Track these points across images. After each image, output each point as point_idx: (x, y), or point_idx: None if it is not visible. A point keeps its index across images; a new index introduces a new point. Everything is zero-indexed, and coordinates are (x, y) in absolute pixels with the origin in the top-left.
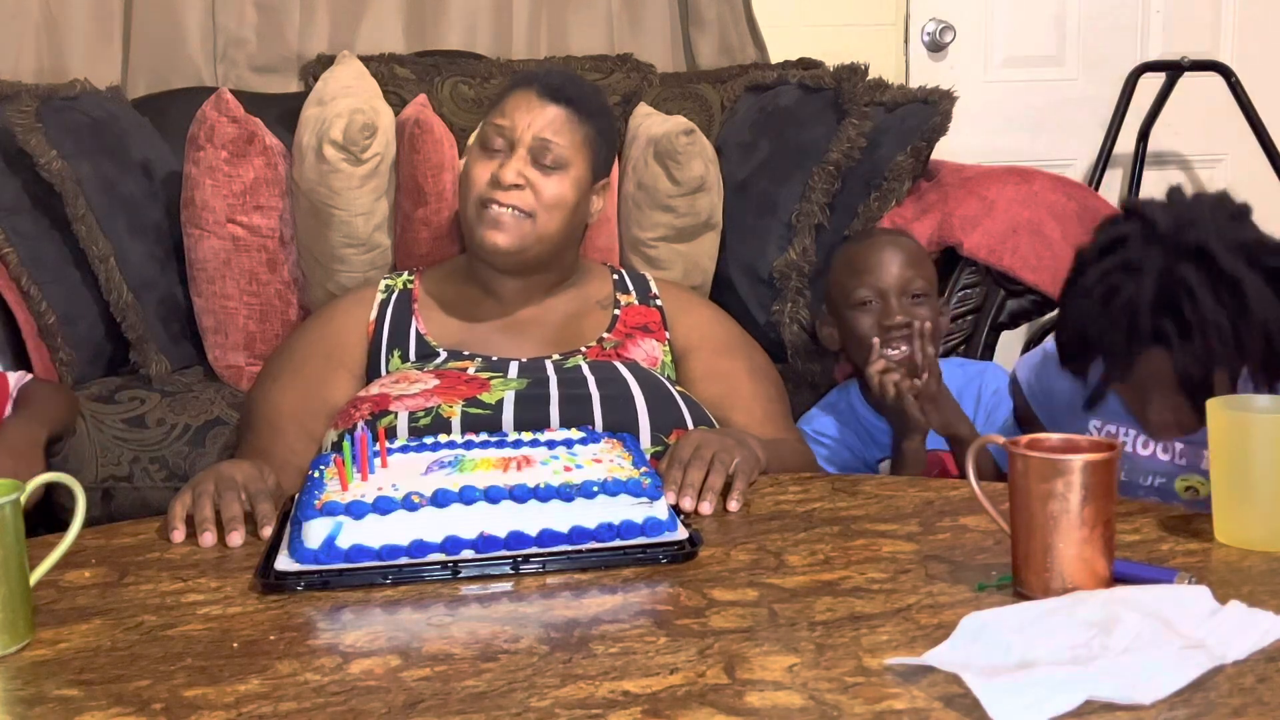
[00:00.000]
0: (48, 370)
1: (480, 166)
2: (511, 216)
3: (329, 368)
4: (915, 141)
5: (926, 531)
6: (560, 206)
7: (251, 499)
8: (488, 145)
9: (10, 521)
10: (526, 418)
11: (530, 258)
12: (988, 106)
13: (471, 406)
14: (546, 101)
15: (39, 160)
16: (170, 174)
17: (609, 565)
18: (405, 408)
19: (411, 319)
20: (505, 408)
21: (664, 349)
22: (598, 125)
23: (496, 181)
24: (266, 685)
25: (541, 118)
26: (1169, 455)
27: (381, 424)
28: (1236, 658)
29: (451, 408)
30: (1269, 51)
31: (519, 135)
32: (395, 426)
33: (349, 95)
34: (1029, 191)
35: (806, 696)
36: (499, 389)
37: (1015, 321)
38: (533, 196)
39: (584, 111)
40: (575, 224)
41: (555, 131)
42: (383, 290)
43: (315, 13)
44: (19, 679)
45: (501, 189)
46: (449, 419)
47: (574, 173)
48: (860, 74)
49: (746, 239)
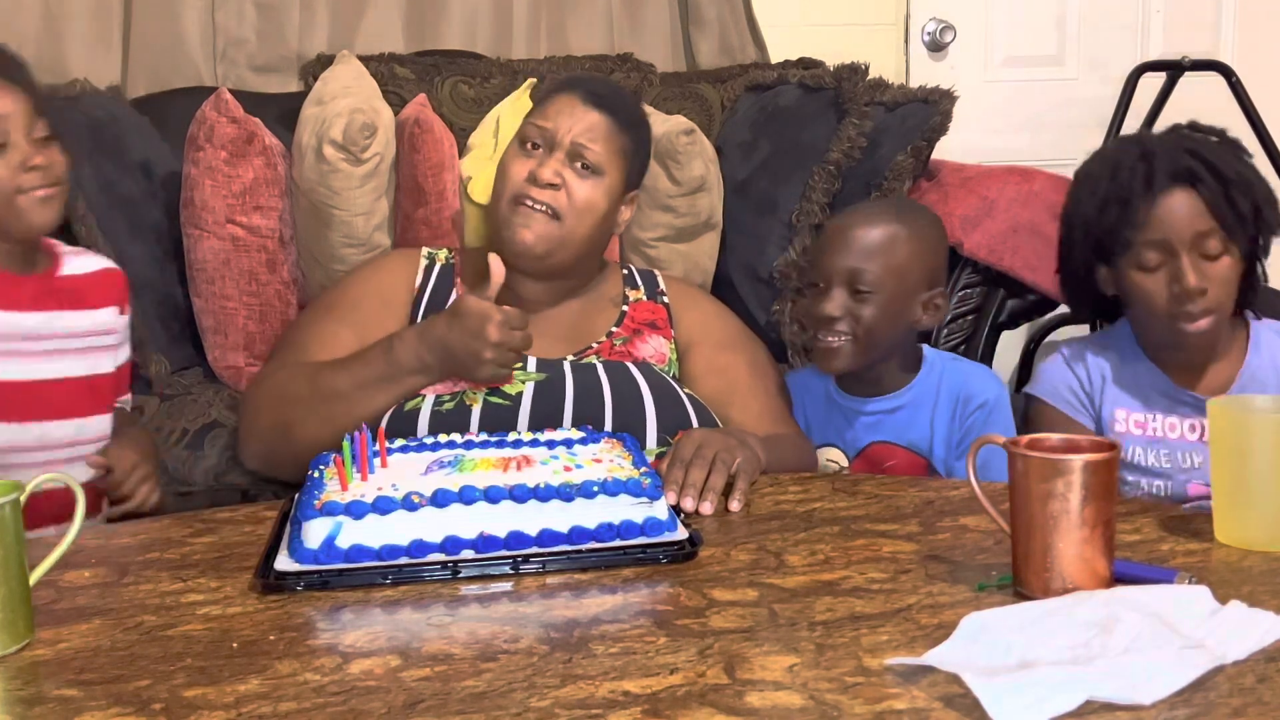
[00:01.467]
0: None
1: (518, 164)
2: (543, 217)
3: (386, 312)
4: (915, 141)
5: (926, 531)
6: (591, 212)
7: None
8: (526, 144)
9: (10, 521)
10: (542, 412)
11: (555, 262)
12: (988, 106)
13: (494, 396)
14: (589, 107)
15: None
16: (170, 174)
17: (609, 565)
18: (433, 391)
19: (453, 290)
20: (524, 400)
21: (670, 346)
22: (635, 136)
23: (534, 178)
24: (266, 685)
25: (583, 122)
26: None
27: (408, 405)
28: (1236, 658)
29: (475, 395)
30: (1269, 51)
31: (559, 137)
32: (420, 409)
33: (349, 95)
34: (1029, 191)
35: (806, 696)
36: (519, 380)
37: (1015, 321)
38: (565, 198)
39: (624, 121)
40: (603, 232)
41: (594, 137)
42: (425, 257)
43: (315, 13)
44: (19, 679)
45: (538, 186)
46: (471, 407)
47: (608, 180)
48: (860, 74)
49: (746, 239)
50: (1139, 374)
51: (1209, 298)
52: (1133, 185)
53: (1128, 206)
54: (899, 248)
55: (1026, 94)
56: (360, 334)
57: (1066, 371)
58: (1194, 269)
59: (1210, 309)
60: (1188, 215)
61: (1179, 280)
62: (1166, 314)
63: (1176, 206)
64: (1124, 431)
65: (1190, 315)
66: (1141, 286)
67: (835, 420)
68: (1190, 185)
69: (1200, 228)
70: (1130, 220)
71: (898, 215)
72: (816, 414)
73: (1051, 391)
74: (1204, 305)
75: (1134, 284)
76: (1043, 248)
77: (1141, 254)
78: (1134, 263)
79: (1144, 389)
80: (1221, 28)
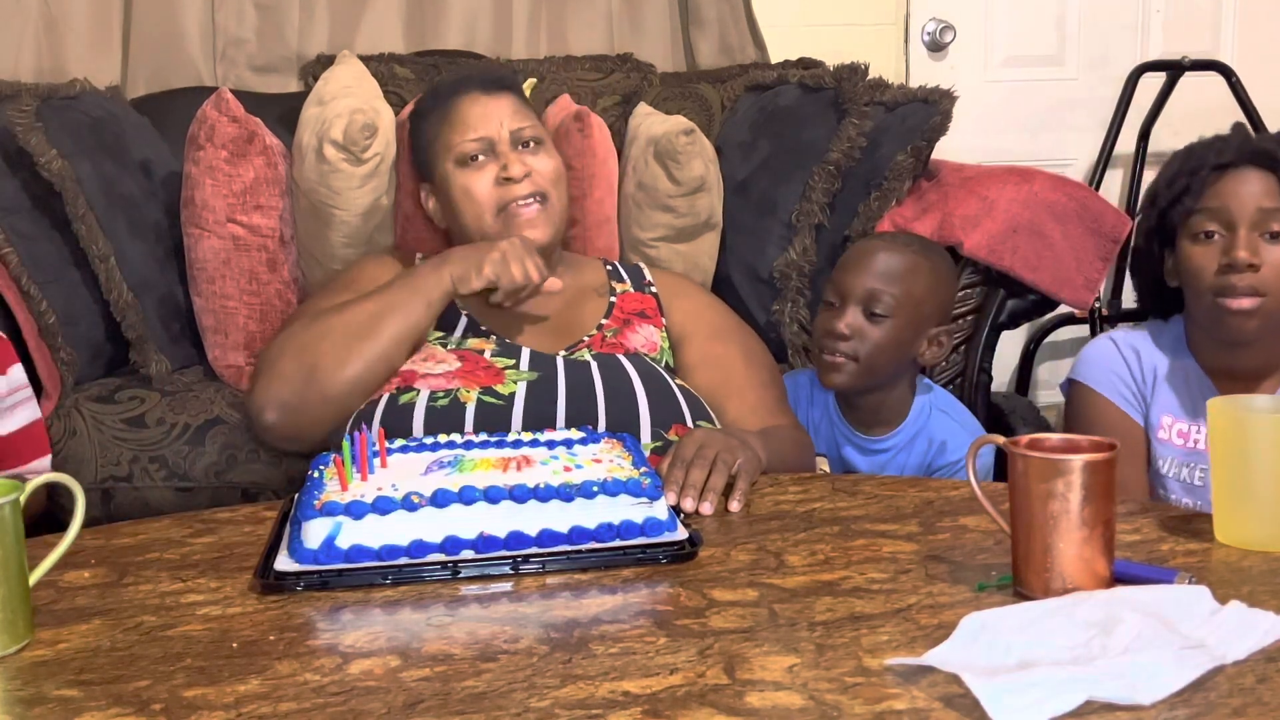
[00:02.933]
0: (49, 370)
1: (475, 180)
2: (538, 212)
3: None
4: (915, 141)
5: (926, 531)
6: (561, 178)
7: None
8: (468, 159)
9: (10, 521)
10: (535, 410)
11: (551, 246)
12: (988, 106)
13: (487, 395)
14: (494, 94)
15: (39, 160)
16: (170, 174)
17: (609, 565)
18: (429, 386)
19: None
20: (517, 400)
21: (661, 334)
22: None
23: (507, 180)
24: (266, 685)
25: (502, 110)
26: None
27: (403, 399)
28: (1236, 658)
29: (469, 393)
30: (1269, 51)
31: (494, 135)
32: (414, 404)
33: (349, 95)
34: (1029, 191)
35: (806, 697)
36: (511, 381)
37: (1015, 321)
38: (542, 179)
39: (518, 91)
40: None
41: (519, 116)
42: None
43: (315, 13)
44: (19, 679)
45: (517, 183)
46: (465, 404)
47: (548, 143)
48: (860, 74)
49: (746, 239)
50: (1188, 377)
51: (1260, 277)
52: (1205, 157)
53: (1195, 176)
54: (919, 278)
55: (1026, 94)
56: None
57: (1118, 358)
58: (1248, 244)
59: (1259, 289)
60: (1255, 190)
61: (1230, 252)
62: (1211, 288)
63: (1245, 179)
64: (1166, 439)
65: (1235, 290)
66: (1192, 258)
67: (825, 431)
68: (1264, 167)
69: (1266, 204)
70: (1195, 189)
71: (922, 248)
72: (810, 419)
73: (1103, 380)
74: (1252, 282)
75: (1186, 256)
76: (1043, 248)
77: (1199, 222)
78: (1190, 232)
79: (1191, 394)
80: (1221, 28)
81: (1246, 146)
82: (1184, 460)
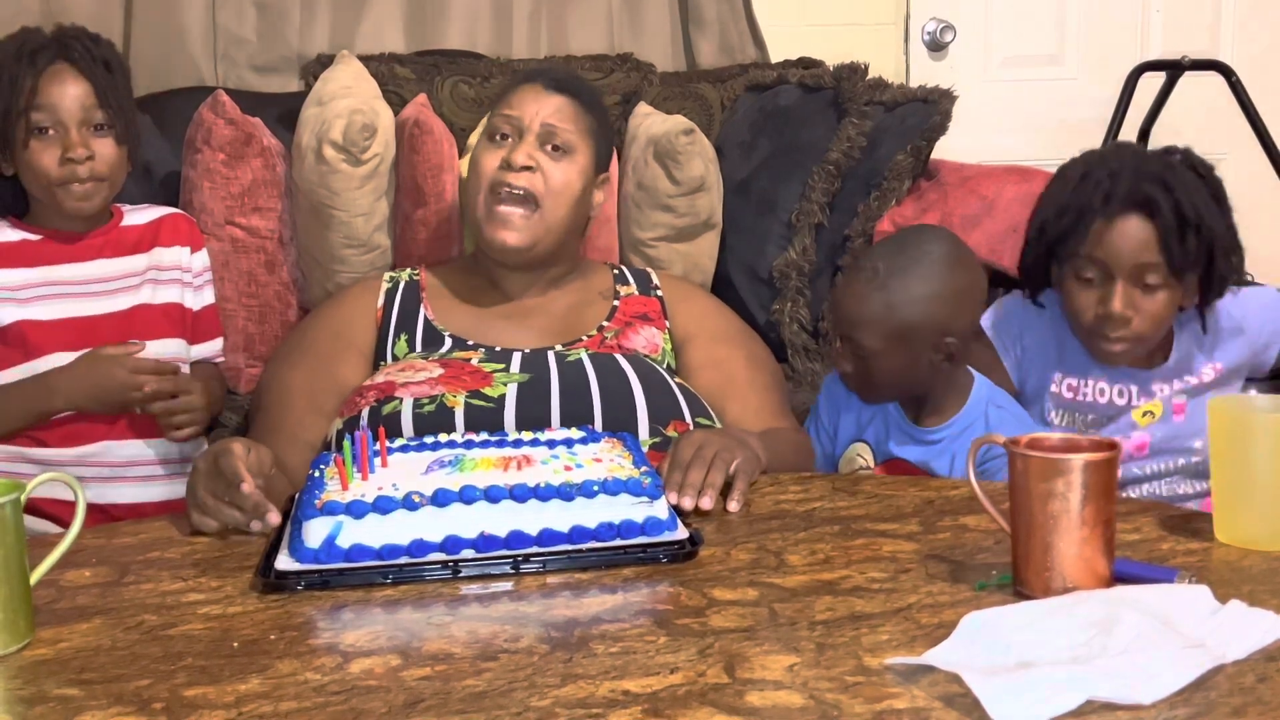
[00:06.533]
0: None
1: (489, 155)
2: (521, 216)
3: (339, 345)
4: (915, 141)
5: (927, 531)
6: (566, 193)
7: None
8: (495, 136)
9: (10, 521)
10: (528, 413)
11: (539, 252)
12: (988, 106)
13: (475, 399)
14: (552, 92)
15: None
16: (170, 174)
17: (609, 565)
18: (410, 394)
19: (420, 306)
20: (508, 402)
21: (664, 336)
22: (600, 117)
23: (507, 164)
24: (267, 685)
25: (548, 105)
26: (1124, 399)
27: (386, 410)
28: (1236, 657)
29: (455, 398)
30: (1269, 51)
31: (527, 122)
32: (400, 412)
33: (349, 95)
34: (1029, 191)
35: (806, 696)
36: (501, 383)
37: None
38: (542, 181)
39: (586, 102)
40: (579, 215)
41: (562, 118)
42: (388, 281)
43: (315, 12)
44: (19, 679)
45: (513, 171)
46: (453, 409)
47: (580, 160)
48: (860, 73)
49: (746, 239)
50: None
51: (1132, 327)
52: (1092, 200)
53: (1081, 219)
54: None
55: (1026, 94)
56: (311, 376)
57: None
58: (1124, 296)
59: (1129, 339)
60: (1135, 244)
61: (1106, 303)
62: (1087, 330)
63: (1127, 232)
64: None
65: (1108, 339)
66: (1073, 297)
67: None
68: (1147, 214)
69: (1144, 259)
70: (1080, 232)
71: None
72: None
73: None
74: (1124, 334)
75: (1067, 292)
76: None
77: (1081, 266)
78: (1073, 272)
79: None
80: (1221, 28)
81: (1133, 189)
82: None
